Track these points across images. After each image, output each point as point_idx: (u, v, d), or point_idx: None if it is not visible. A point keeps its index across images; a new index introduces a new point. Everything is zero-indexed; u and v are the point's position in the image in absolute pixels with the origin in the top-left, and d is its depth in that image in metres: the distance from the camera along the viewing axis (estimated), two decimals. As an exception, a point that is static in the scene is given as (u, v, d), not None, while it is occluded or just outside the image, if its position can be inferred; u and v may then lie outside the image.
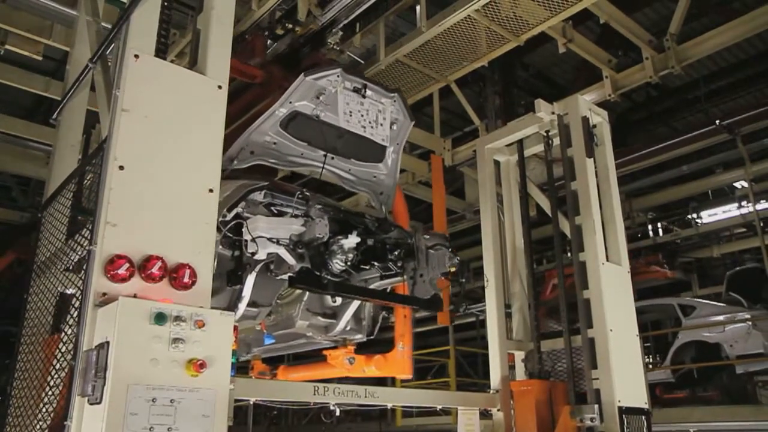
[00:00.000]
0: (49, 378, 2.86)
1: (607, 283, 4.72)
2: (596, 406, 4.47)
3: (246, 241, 3.71)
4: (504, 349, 5.34)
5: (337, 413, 5.06)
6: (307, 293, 4.83)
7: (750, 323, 9.62)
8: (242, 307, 4.06)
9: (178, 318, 2.41)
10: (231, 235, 3.76)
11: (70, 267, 3.11)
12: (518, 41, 6.03)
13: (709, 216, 13.34)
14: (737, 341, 9.57)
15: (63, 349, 2.75)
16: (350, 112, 4.39)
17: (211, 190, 2.84)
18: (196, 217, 2.75)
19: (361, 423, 14.31)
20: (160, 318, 2.38)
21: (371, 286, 4.55)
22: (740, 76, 10.51)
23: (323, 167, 4.47)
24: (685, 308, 10.56)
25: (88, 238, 2.67)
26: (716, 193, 13.18)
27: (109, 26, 4.16)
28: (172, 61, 3.60)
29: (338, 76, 4.31)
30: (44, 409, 2.84)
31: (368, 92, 4.50)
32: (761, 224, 10.71)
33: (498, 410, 5.09)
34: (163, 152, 2.75)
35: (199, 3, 3.40)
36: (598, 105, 5.81)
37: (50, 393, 2.82)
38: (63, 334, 2.83)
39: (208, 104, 2.99)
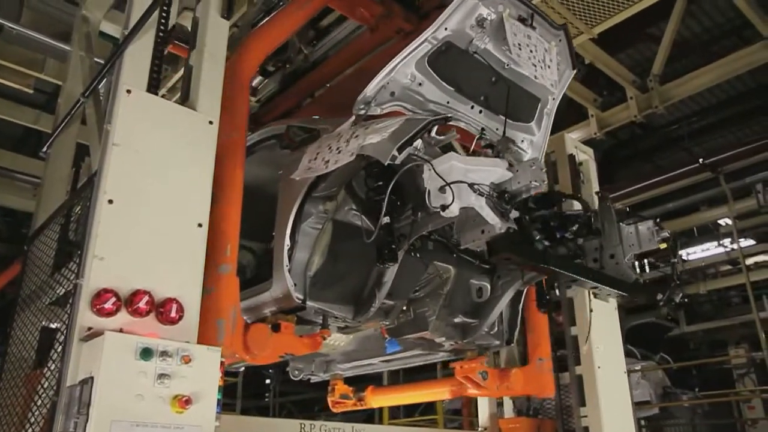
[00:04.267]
0: (29, 414, 2.81)
1: (595, 320, 4.74)
2: (585, 444, 4.43)
3: (428, 191, 2.78)
4: (492, 386, 5.30)
5: (324, 451, 4.89)
6: (450, 283, 3.85)
7: (640, 374, 10.39)
8: (381, 297, 3.28)
9: (164, 353, 2.39)
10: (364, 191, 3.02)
11: (56, 301, 3.08)
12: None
13: (688, 254, 13.46)
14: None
15: (45, 385, 2.70)
16: (519, 45, 3.43)
17: (200, 225, 2.84)
18: (184, 251, 2.75)
19: (348, 462, 14.01)
20: (146, 353, 2.35)
21: (529, 275, 3.67)
22: (721, 116, 10.75)
23: (504, 132, 3.46)
24: None
25: (75, 271, 2.65)
26: (701, 230, 13.33)
27: (102, 61, 4.22)
28: (163, 96, 3.64)
29: None
30: (24, 447, 2.78)
31: (535, 24, 3.60)
32: (746, 261, 10.85)
33: (487, 448, 5.03)
34: (153, 186, 2.76)
35: (192, 40, 3.45)
36: (584, 143, 5.93)
37: (31, 430, 2.76)
38: (46, 369, 2.79)
39: (199, 139, 3.01)
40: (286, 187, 3.33)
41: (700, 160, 9.72)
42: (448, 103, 3.52)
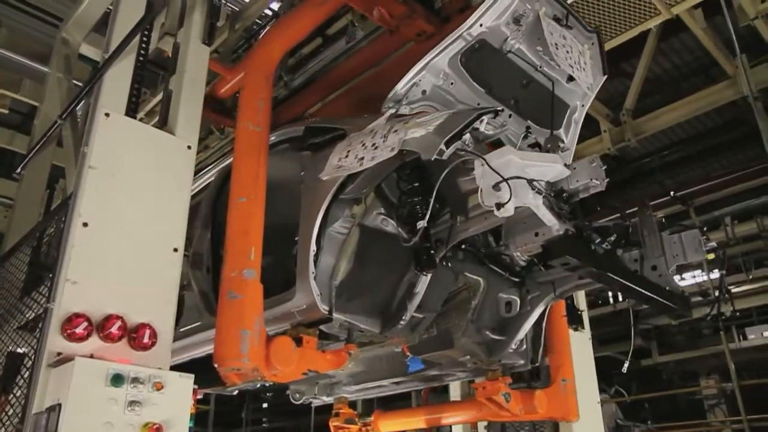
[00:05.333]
0: (-8, 443, 2.73)
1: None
2: (559, 474, 4.41)
3: (480, 189, 2.55)
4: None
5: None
6: (479, 296, 3.58)
7: None
8: (412, 309, 3.08)
9: (135, 380, 2.34)
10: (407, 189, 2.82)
11: (24, 325, 3.02)
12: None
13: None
14: (582, 422, 10.34)
15: (10, 412, 2.63)
16: (556, 45, 3.29)
17: (175, 250, 2.82)
18: (159, 276, 2.72)
19: (320, 493, 13.77)
20: (117, 379, 2.31)
21: (562, 288, 3.48)
22: (691, 150, 11.03)
23: (552, 129, 3.32)
24: None
25: (46, 295, 2.60)
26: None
27: (80, 84, 4.20)
28: (141, 120, 3.64)
29: None
30: (-15, 477, 2.69)
31: (570, 24, 3.46)
32: (716, 293, 11.03)
33: (461, 479, 4.97)
34: (129, 210, 2.74)
35: (173, 65, 3.47)
36: (559, 174, 6.02)
37: (-7, 459, 2.67)
38: (11, 395, 2.72)
39: (177, 164, 3.01)
40: (311, 188, 3.13)
41: (672, 192, 9.94)
42: (478, 104, 3.34)
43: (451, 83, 3.21)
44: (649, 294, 3.16)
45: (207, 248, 3.81)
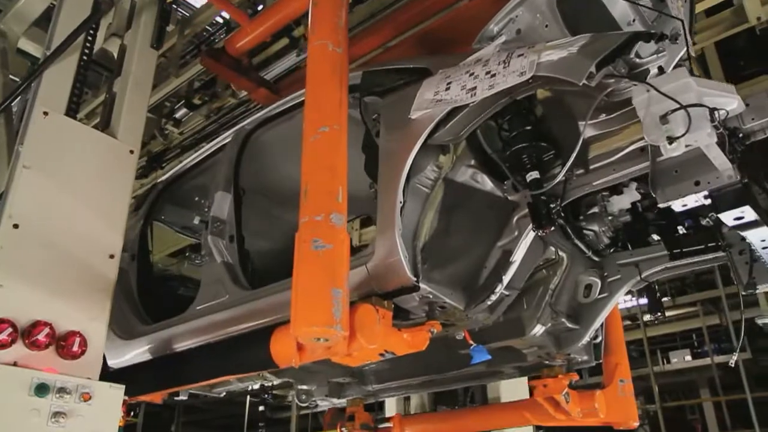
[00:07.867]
0: None
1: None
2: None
3: (643, 123, 2.09)
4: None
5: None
6: (560, 275, 3.07)
7: None
8: (506, 282, 2.60)
9: (62, 390, 2.27)
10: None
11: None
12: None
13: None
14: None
15: None
16: None
17: (111, 256, 2.75)
18: (93, 282, 2.64)
19: None
20: (41, 389, 2.22)
21: (649, 271, 3.00)
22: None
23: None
24: None
25: (-32, 298, 2.48)
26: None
27: (17, 79, 4.04)
28: (81, 121, 3.53)
29: None
30: None
31: None
32: (643, 318, 11.50)
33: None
34: (64, 213, 2.66)
35: (118, 67, 3.40)
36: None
37: None
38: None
39: (117, 168, 2.95)
40: (394, 130, 2.65)
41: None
42: None
43: (546, 25, 2.71)
44: None
45: (230, 214, 3.39)
